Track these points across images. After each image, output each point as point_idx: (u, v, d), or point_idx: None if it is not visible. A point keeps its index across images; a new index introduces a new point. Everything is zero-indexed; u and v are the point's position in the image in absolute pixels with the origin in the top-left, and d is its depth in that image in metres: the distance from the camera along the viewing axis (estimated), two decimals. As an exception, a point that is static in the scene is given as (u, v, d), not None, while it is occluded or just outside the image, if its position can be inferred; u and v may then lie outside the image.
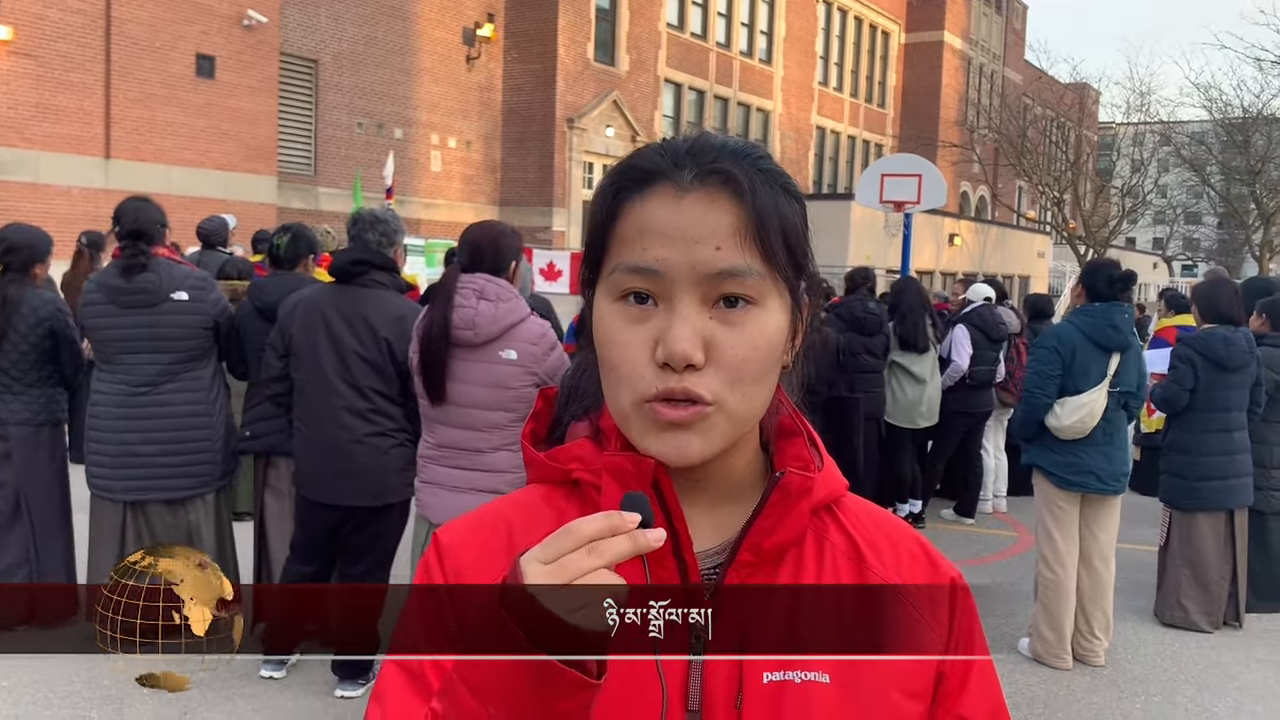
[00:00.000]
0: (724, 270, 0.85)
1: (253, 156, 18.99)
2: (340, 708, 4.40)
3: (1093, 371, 5.14)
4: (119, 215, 4.83)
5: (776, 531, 0.91)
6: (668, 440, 0.87)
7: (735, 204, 0.87)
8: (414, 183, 23.81)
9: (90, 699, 4.41)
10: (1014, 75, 45.32)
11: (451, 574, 0.94)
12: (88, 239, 8.51)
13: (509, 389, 3.76)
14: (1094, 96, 44.44)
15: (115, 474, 4.83)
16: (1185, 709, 4.86)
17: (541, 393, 1.05)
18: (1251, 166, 31.47)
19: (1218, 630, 5.90)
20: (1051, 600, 5.26)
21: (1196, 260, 47.35)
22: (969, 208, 42.51)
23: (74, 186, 16.46)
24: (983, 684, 0.98)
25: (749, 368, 0.87)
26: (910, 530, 1.03)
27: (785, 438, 0.99)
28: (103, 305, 4.79)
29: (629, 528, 0.75)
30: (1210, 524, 5.86)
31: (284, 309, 4.46)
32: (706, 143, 0.90)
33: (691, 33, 30.71)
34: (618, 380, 0.88)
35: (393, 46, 23.29)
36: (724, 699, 0.88)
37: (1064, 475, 5.21)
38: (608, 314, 0.89)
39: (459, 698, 0.75)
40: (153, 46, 17.28)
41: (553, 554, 0.73)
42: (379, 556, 4.49)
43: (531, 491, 0.99)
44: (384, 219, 4.51)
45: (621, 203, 0.89)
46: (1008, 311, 8.55)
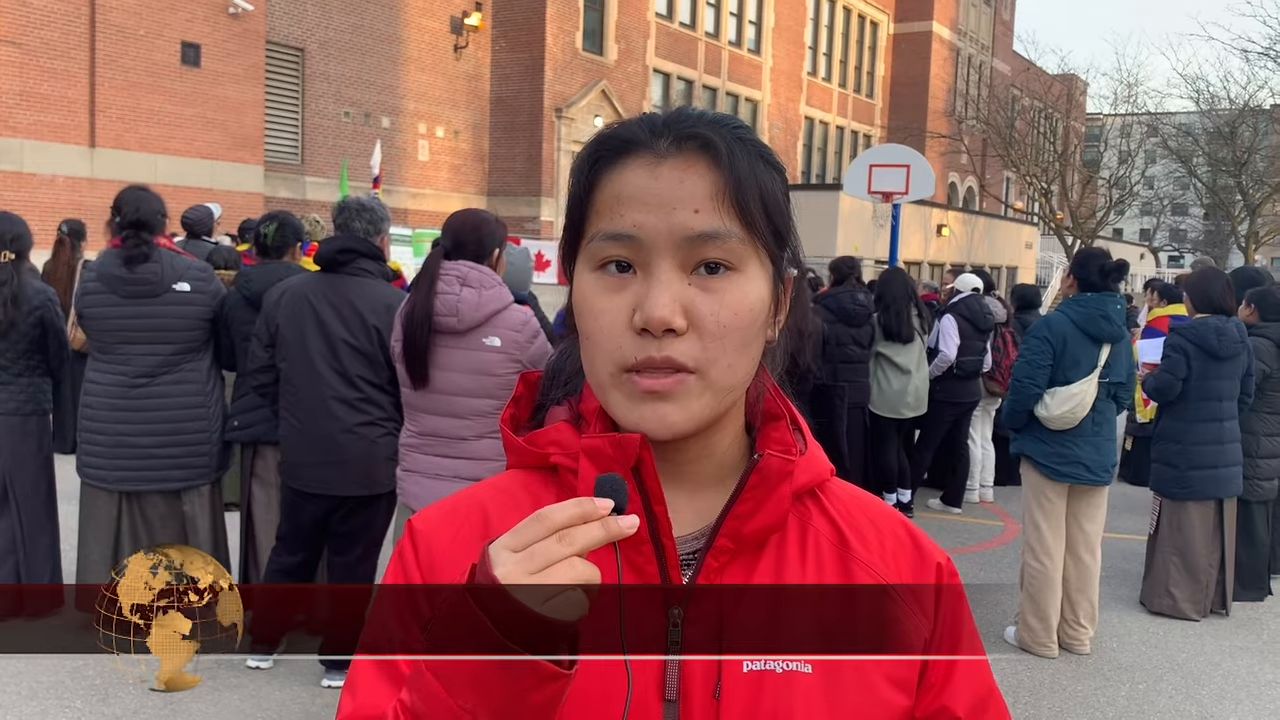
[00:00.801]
0: (702, 232, 0.84)
1: (239, 145, 18.89)
2: (327, 697, 4.39)
3: (1083, 362, 5.15)
4: (119, 205, 4.79)
5: (756, 516, 0.89)
6: (647, 410, 0.85)
7: (712, 168, 0.85)
8: (401, 172, 23.72)
9: (75, 689, 4.39)
10: (1002, 66, 45.38)
11: (425, 561, 0.92)
12: (68, 227, 8.46)
13: (493, 376, 3.76)
14: (1082, 88, 44.53)
15: (110, 464, 4.81)
16: (1170, 696, 4.89)
17: (522, 377, 1.03)
18: (1238, 158, 31.55)
19: (1204, 618, 5.94)
20: (1037, 590, 5.28)
21: (1183, 251, 47.58)
22: (957, 198, 42.58)
23: (58, 175, 16.35)
24: (969, 673, 0.96)
25: (730, 335, 0.85)
26: (895, 514, 1.01)
27: (768, 421, 0.97)
28: (103, 295, 4.75)
29: (601, 514, 0.73)
30: (1200, 513, 5.89)
31: (269, 299, 4.42)
32: (684, 113, 0.89)
33: (680, 22, 30.65)
34: (595, 349, 0.87)
35: (380, 35, 23.18)
36: (702, 688, 0.86)
37: (1053, 466, 5.22)
38: (586, 284, 0.88)
39: (428, 688, 0.73)
40: (137, 34, 17.16)
41: (522, 542, 0.72)
42: (368, 545, 4.48)
43: (510, 477, 0.98)
44: (370, 207, 4.49)
45: (599, 173, 0.88)
46: (994, 302, 8.58)
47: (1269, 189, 31.54)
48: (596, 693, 0.83)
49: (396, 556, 0.95)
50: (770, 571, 0.91)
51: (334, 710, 4.35)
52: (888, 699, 0.91)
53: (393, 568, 0.94)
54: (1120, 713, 4.69)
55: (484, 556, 0.73)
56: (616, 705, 0.83)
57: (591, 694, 0.83)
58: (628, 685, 0.82)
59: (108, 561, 4.88)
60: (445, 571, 0.91)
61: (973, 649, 0.97)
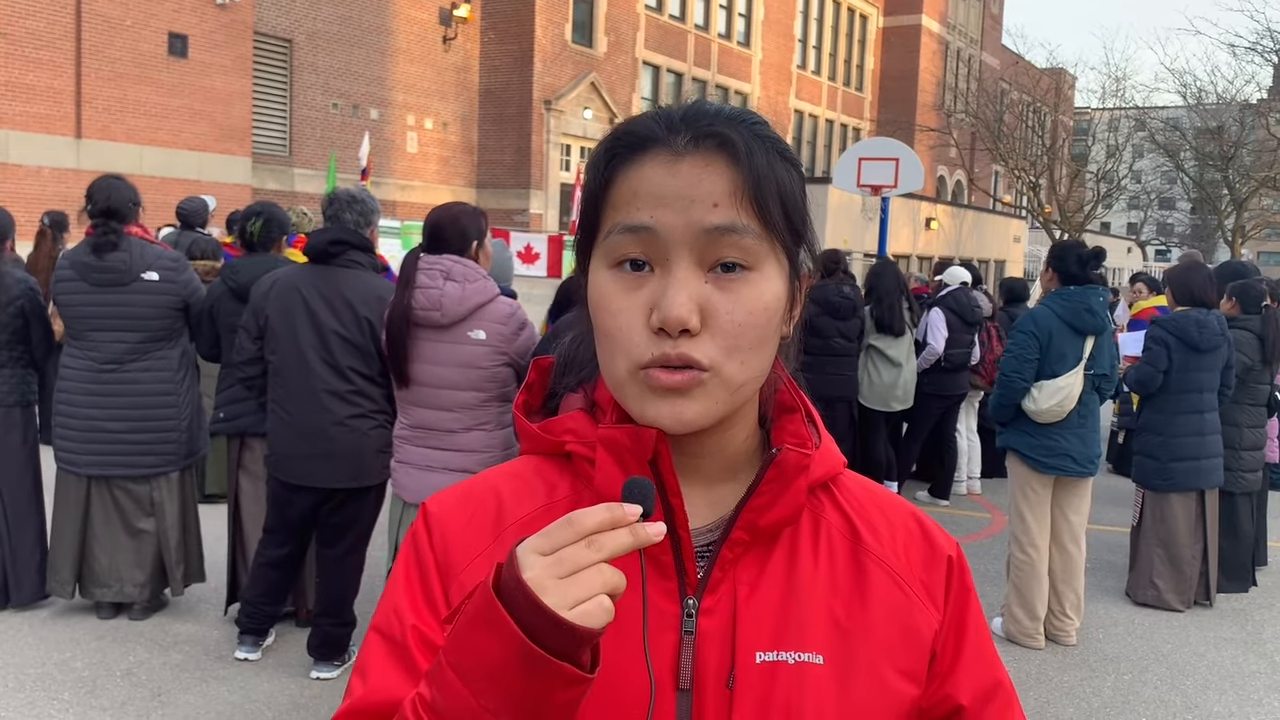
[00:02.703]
0: (720, 226, 0.84)
1: (226, 137, 18.81)
2: (316, 689, 4.39)
3: (1069, 355, 5.17)
4: (91, 194, 4.81)
5: (772, 509, 0.90)
6: (663, 406, 0.85)
7: (731, 166, 0.85)
8: (390, 164, 23.66)
9: (63, 681, 4.38)
10: (991, 60, 45.45)
11: (439, 544, 0.92)
12: (51, 219, 8.43)
13: (479, 369, 3.76)
14: (1070, 82, 44.63)
15: (81, 448, 4.84)
16: (1155, 687, 4.93)
17: (535, 363, 1.03)
18: (1224, 152, 31.69)
19: (1189, 609, 5.98)
20: (1023, 582, 5.31)
21: (1170, 245, 47.76)
22: (945, 192, 42.65)
23: (44, 166, 16.26)
24: (975, 662, 0.97)
25: (746, 334, 0.85)
26: (907, 507, 1.02)
27: (783, 414, 0.97)
28: (74, 283, 4.79)
29: (630, 521, 0.73)
30: (1182, 504, 5.93)
31: (257, 291, 4.40)
32: (701, 108, 0.89)
33: (670, 15, 30.62)
34: (613, 347, 0.87)
35: (368, 26, 23.09)
36: (715, 678, 0.87)
37: (1041, 459, 5.24)
38: (603, 281, 0.88)
39: (449, 685, 0.73)
40: (124, 25, 17.05)
41: (551, 545, 0.72)
42: (357, 537, 4.47)
43: (524, 463, 0.98)
44: (360, 199, 4.48)
45: (616, 169, 0.88)
46: (981, 295, 8.60)
47: (1255, 183, 31.67)
48: (614, 684, 0.84)
49: (409, 539, 0.95)
50: (784, 564, 0.92)
51: (322, 702, 4.37)
52: (898, 690, 0.92)
53: (405, 551, 0.94)
54: (1106, 703, 4.72)
55: (511, 557, 0.72)
56: (630, 696, 0.84)
57: (608, 684, 0.83)
58: (650, 683, 0.83)
59: (76, 546, 4.92)
60: (459, 556, 0.91)
61: (979, 640, 0.98)
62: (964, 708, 0.95)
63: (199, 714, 4.15)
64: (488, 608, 0.71)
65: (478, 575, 0.87)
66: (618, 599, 0.72)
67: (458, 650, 0.73)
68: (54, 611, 5.10)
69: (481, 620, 0.71)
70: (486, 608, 0.71)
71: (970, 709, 0.96)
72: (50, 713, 4.12)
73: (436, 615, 0.89)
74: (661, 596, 0.88)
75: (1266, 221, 39.50)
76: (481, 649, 0.71)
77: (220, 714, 4.16)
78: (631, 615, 0.82)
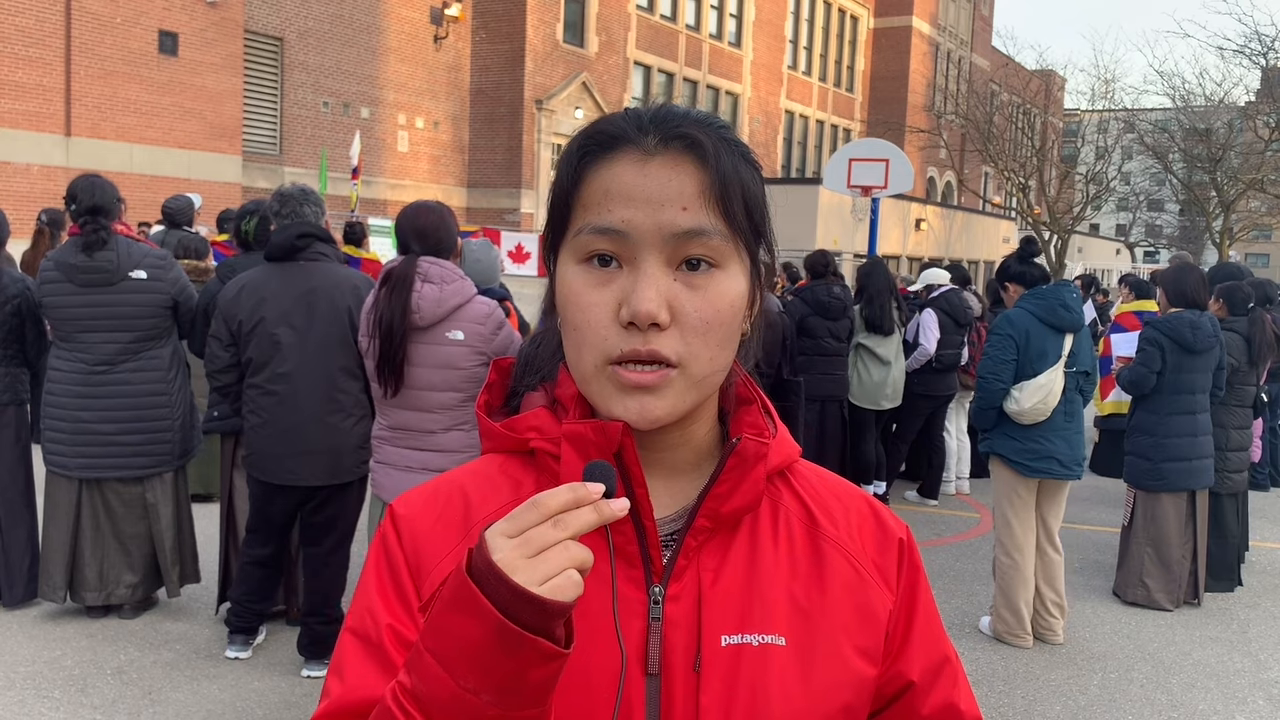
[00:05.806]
0: (690, 230, 0.87)
1: (217, 135, 18.75)
2: (307, 686, 4.40)
3: (1049, 352, 5.20)
4: (74, 193, 4.77)
5: (734, 497, 0.93)
6: (630, 402, 0.87)
7: (699, 168, 0.88)
8: (381, 163, 23.63)
9: (53, 679, 4.38)
10: (981, 61, 45.56)
11: (408, 544, 0.94)
12: (48, 217, 8.40)
13: (458, 369, 3.77)
14: (1060, 83, 44.77)
15: (71, 450, 4.81)
16: (1141, 685, 4.96)
17: (495, 364, 1.06)
18: (1213, 154, 31.81)
19: (1177, 609, 6.03)
20: (1009, 585, 5.34)
21: (1158, 247, 47.93)
22: (935, 193, 42.75)
23: (33, 164, 16.19)
24: (925, 640, 1.01)
25: (712, 330, 0.88)
26: (858, 492, 1.06)
27: (740, 406, 1.01)
28: (60, 284, 4.74)
29: (594, 499, 0.75)
30: (1174, 505, 5.96)
31: (224, 298, 4.33)
32: (670, 111, 0.92)
33: (661, 15, 30.62)
34: (580, 342, 0.89)
35: (359, 25, 23.05)
36: (683, 661, 0.90)
37: (1026, 463, 5.24)
38: (571, 277, 0.90)
39: (428, 670, 0.75)
40: (114, 22, 17.00)
41: (518, 527, 0.74)
42: (341, 535, 4.48)
43: (488, 461, 1.00)
44: (311, 193, 4.51)
45: (586, 167, 0.90)
46: (971, 296, 8.64)
47: (1243, 185, 31.80)
48: (584, 667, 0.86)
49: (379, 541, 0.96)
50: (745, 550, 0.95)
51: (313, 700, 4.37)
52: (857, 669, 0.95)
53: (375, 552, 0.96)
54: (1092, 701, 4.75)
55: (481, 542, 0.74)
56: (601, 677, 0.87)
57: (579, 668, 0.86)
58: (621, 661, 0.86)
59: (68, 551, 4.89)
60: (429, 555, 0.93)
61: (929, 618, 1.02)
62: (914, 683, 1.00)
63: (190, 712, 4.16)
64: (463, 591, 0.73)
65: (448, 573, 0.89)
66: (586, 574, 0.74)
67: (435, 635, 0.74)
68: (44, 610, 5.09)
69: (457, 604, 0.73)
70: (461, 591, 0.73)
71: (920, 684, 1.00)
72: (41, 711, 4.12)
73: (410, 614, 0.91)
74: (628, 585, 0.90)
75: (1254, 223, 39.67)
76: (459, 632, 0.73)
77: (211, 712, 4.16)
78: (601, 603, 0.85)
